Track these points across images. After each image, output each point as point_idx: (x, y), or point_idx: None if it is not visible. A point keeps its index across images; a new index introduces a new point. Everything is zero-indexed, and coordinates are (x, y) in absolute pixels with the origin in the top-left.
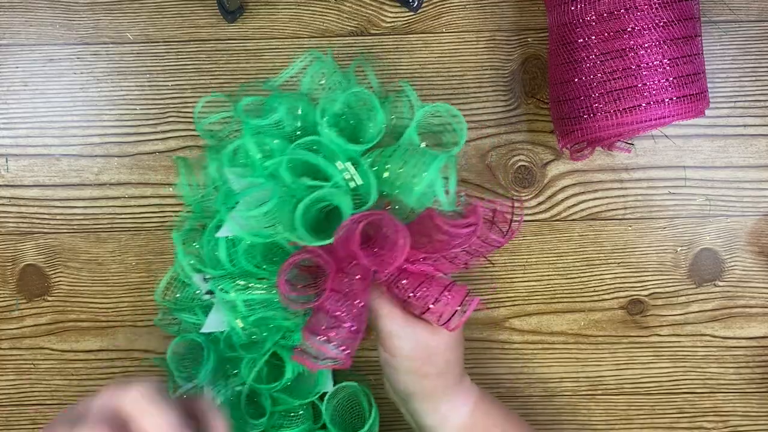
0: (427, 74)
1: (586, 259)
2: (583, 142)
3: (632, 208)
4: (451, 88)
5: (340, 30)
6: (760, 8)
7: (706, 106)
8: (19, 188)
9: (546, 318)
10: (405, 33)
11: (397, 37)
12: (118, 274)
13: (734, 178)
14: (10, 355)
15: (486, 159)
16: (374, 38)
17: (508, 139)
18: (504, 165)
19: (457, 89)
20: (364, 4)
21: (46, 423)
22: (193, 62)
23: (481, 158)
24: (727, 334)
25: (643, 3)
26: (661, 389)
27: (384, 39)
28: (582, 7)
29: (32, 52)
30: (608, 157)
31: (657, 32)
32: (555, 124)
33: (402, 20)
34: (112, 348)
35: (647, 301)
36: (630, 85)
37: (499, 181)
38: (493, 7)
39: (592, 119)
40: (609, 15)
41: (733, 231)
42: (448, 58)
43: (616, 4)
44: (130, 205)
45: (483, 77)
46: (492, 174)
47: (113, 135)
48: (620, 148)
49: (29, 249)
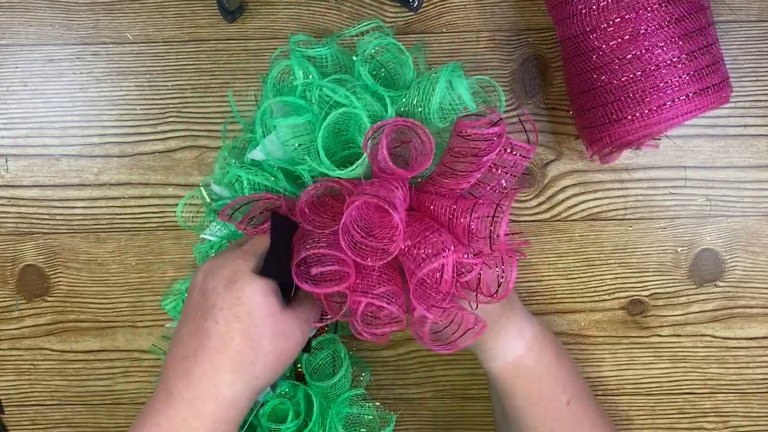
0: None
1: (587, 259)
2: (612, 147)
3: (633, 208)
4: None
5: (340, 30)
6: (760, 8)
7: (729, 93)
8: (18, 188)
9: (546, 318)
10: (405, 33)
11: (397, 37)
12: (118, 274)
13: (735, 178)
14: (9, 356)
15: None
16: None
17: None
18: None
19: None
20: (364, 4)
21: (46, 423)
22: (193, 62)
23: None
24: (727, 334)
25: (652, 2)
26: (661, 389)
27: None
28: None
29: (32, 52)
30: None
31: (670, 29)
32: (581, 133)
33: (402, 20)
34: (112, 348)
35: (648, 301)
36: (651, 85)
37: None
38: (493, 7)
39: (618, 124)
40: (620, 20)
41: (733, 231)
42: (448, 58)
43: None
44: (129, 205)
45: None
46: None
47: (113, 135)
48: (649, 146)
49: (29, 249)
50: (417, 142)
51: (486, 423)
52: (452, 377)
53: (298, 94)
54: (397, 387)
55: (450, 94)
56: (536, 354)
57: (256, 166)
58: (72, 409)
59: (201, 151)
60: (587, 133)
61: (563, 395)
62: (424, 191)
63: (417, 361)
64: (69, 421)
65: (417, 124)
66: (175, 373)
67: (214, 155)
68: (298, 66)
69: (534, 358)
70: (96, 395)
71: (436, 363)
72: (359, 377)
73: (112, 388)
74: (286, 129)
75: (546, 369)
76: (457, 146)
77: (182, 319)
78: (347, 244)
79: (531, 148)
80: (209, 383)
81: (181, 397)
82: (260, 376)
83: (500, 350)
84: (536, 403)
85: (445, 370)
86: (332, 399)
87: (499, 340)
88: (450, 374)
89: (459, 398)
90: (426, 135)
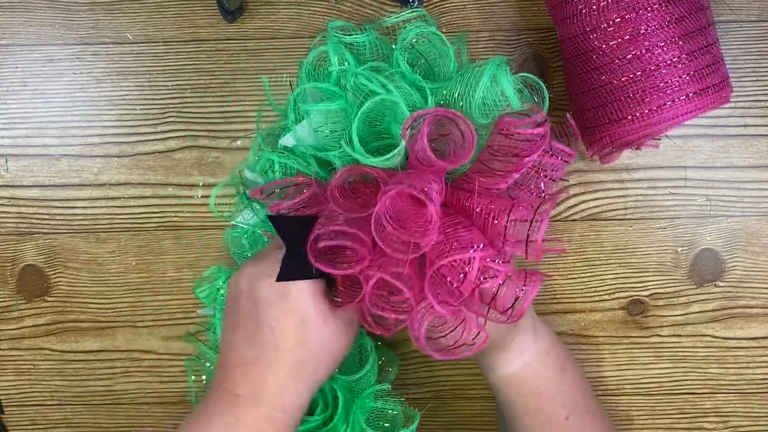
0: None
1: (587, 259)
2: (612, 147)
3: (633, 208)
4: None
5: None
6: (760, 8)
7: (730, 92)
8: (18, 188)
9: (547, 318)
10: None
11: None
12: (118, 274)
13: (735, 178)
14: (9, 356)
15: None
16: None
17: None
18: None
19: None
20: (364, 4)
21: (46, 423)
22: (192, 62)
23: None
24: (727, 334)
25: (652, 2)
26: (661, 390)
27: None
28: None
29: (32, 52)
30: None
31: (670, 29)
32: (581, 133)
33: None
34: (111, 348)
35: (648, 301)
36: (651, 85)
37: None
38: (493, 7)
39: (618, 124)
40: (620, 20)
41: (733, 231)
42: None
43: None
44: (129, 205)
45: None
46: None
47: (113, 135)
48: (649, 146)
49: (29, 249)
50: (457, 134)
51: (486, 423)
52: (452, 377)
53: (333, 81)
54: (397, 387)
55: (493, 90)
56: (535, 370)
57: (289, 152)
58: (72, 409)
59: (201, 151)
60: (587, 133)
61: (562, 410)
62: (459, 188)
63: (417, 361)
64: (69, 421)
65: (459, 115)
66: (235, 378)
67: (214, 155)
68: (333, 52)
69: (532, 373)
70: (96, 395)
71: (436, 363)
72: (387, 369)
73: (112, 388)
74: (318, 115)
75: (546, 384)
76: (497, 144)
77: (231, 324)
78: (378, 235)
79: (572, 153)
80: (276, 392)
81: (247, 401)
82: (320, 380)
83: (499, 365)
84: (533, 416)
85: (445, 370)
86: (357, 393)
87: (500, 358)
88: (450, 374)
89: (459, 398)
90: (468, 127)
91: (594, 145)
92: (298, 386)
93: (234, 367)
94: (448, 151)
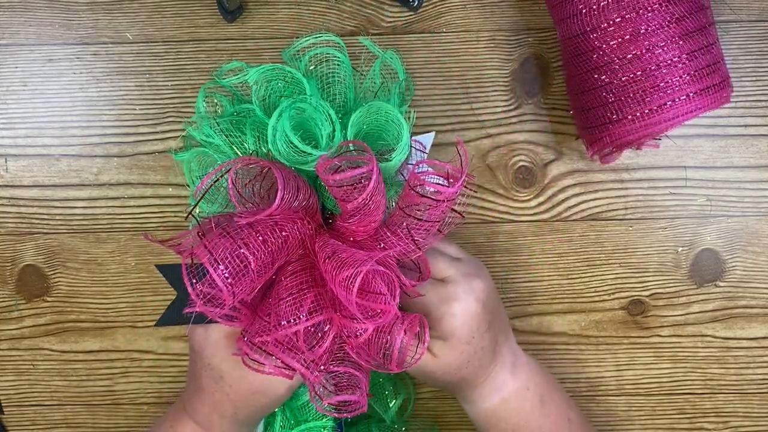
0: (427, 74)
1: (587, 259)
2: (612, 147)
3: (633, 208)
4: (451, 88)
5: (340, 30)
6: (760, 8)
7: (730, 92)
8: (18, 188)
9: (547, 318)
10: (405, 33)
11: (397, 37)
12: (118, 274)
13: (735, 178)
14: (9, 356)
15: (486, 159)
16: (374, 38)
17: (509, 139)
18: (504, 165)
19: (457, 89)
20: (364, 4)
21: (46, 423)
22: (192, 62)
23: (481, 158)
24: (728, 334)
25: (652, 2)
26: (661, 390)
27: (384, 39)
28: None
29: (31, 52)
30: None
31: (671, 29)
32: (581, 133)
33: (402, 20)
34: (111, 348)
35: (648, 301)
36: (652, 85)
37: (500, 182)
38: (493, 7)
39: (619, 124)
40: (620, 19)
41: (734, 231)
42: (448, 58)
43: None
44: (129, 205)
45: (483, 77)
46: (492, 174)
47: (113, 135)
48: (649, 146)
49: (28, 249)
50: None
51: None
52: None
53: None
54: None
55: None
56: (514, 407)
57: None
58: (72, 409)
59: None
60: (587, 133)
61: None
62: (338, 231)
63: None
64: (69, 422)
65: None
66: (190, 400)
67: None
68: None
69: (512, 409)
70: (96, 395)
71: None
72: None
73: (111, 388)
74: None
75: (525, 419)
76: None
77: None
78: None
79: (446, 191)
80: (208, 419)
81: (187, 419)
82: (240, 410)
83: (475, 399)
84: None
85: None
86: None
87: (474, 393)
88: None
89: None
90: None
91: (594, 145)
92: (223, 420)
93: (190, 392)
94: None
